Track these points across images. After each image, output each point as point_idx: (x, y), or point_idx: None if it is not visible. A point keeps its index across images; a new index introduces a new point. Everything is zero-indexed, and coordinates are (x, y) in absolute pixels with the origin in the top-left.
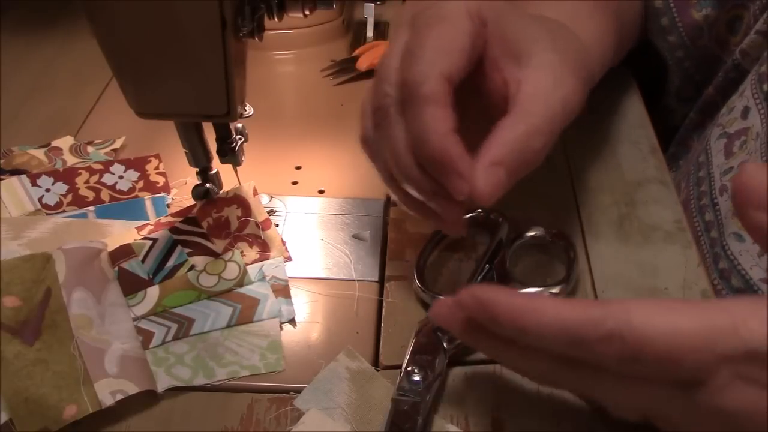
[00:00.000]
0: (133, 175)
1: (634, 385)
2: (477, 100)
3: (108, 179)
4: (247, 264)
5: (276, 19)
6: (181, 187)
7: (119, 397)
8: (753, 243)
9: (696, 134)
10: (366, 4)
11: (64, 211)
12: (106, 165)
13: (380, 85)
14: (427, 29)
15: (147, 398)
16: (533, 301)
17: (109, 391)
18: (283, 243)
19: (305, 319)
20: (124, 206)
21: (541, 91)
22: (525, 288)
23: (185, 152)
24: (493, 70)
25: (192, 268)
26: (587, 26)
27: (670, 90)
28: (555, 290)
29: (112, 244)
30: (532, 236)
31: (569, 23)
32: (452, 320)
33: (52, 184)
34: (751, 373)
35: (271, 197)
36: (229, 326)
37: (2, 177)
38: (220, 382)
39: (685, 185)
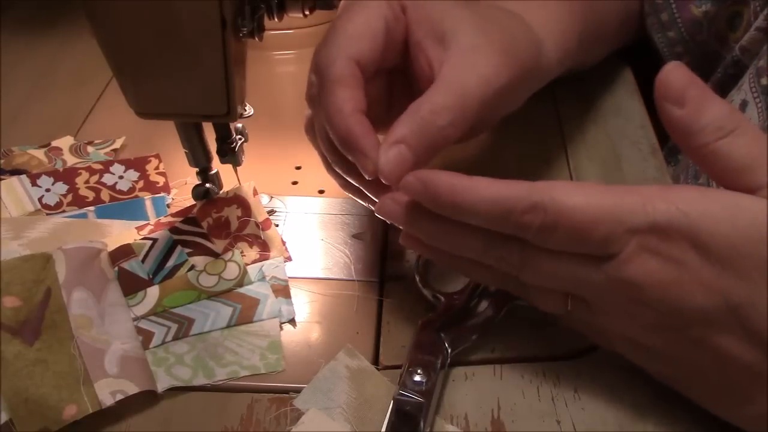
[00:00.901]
0: (133, 175)
1: (555, 259)
2: (406, 86)
3: (108, 179)
4: (247, 264)
5: (276, 19)
6: (181, 187)
7: (119, 397)
8: None
9: None
10: None
11: (64, 211)
12: (106, 165)
13: (309, 74)
14: (344, 14)
15: (147, 398)
16: (470, 180)
17: (109, 391)
18: (283, 243)
19: (305, 319)
20: (124, 206)
21: (455, 70)
22: None
23: (185, 152)
24: (417, 52)
25: (192, 268)
26: (538, 15)
27: None
28: None
29: (112, 244)
30: None
31: (518, 10)
32: (396, 210)
33: (52, 184)
34: (655, 246)
35: (271, 197)
36: (229, 326)
37: (2, 177)
38: (220, 382)
39: (684, 178)
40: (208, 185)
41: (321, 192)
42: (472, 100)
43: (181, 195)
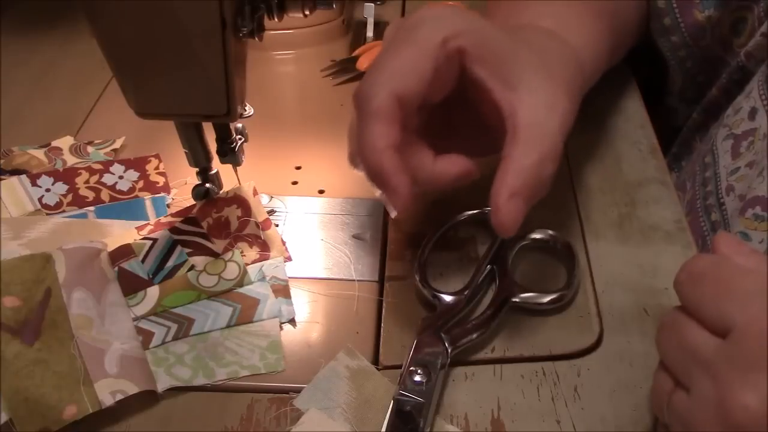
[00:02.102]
0: (133, 175)
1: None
2: (467, 112)
3: (108, 179)
4: (247, 264)
5: (276, 19)
6: (181, 187)
7: (119, 397)
8: (760, 242)
9: (699, 135)
10: (366, 4)
11: (64, 211)
12: (106, 165)
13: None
14: (392, 49)
15: (147, 398)
16: None
17: (109, 391)
18: (283, 243)
19: (305, 319)
20: (124, 206)
21: (539, 117)
22: (525, 293)
23: (185, 152)
24: (481, 92)
25: (192, 268)
26: (577, 30)
27: (672, 90)
28: (553, 297)
29: (112, 244)
30: (534, 239)
31: (558, 28)
32: None
33: (52, 184)
34: None
35: (271, 197)
36: (229, 326)
37: (2, 177)
38: (220, 382)
39: (691, 186)
40: (208, 185)
41: (321, 192)
42: (561, 145)
43: (181, 195)
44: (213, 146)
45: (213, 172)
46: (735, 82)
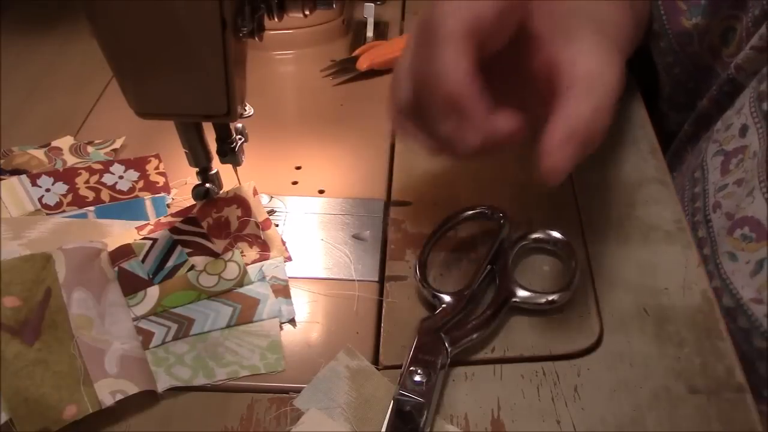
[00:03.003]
0: (133, 175)
1: None
2: (511, 78)
3: (108, 179)
4: (247, 264)
5: (276, 19)
6: (181, 187)
7: (119, 397)
8: (746, 262)
9: (690, 146)
10: (366, 4)
11: (64, 211)
12: (106, 165)
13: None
14: None
15: (147, 398)
16: None
17: (109, 391)
18: (283, 243)
19: (305, 319)
20: (124, 206)
21: (598, 70)
22: (525, 292)
23: (185, 152)
24: (538, 46)
25: (192, 268)
26: (610, 9)
27: (661, 95)
28: (553, 298)
29: (112, 244)
30: (535, 239)
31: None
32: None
33: (52, 184)
34: None
35: (271, 197)
36: (229, 326)
37: (2, 177)
38: (220, 382)
39: (680, 200)
40: (208, 185)
41: (321, 192)
42: (615, 99)
43: (181, 195)
44: (213, 146)
45: (213, 172)
46: (725, 93)
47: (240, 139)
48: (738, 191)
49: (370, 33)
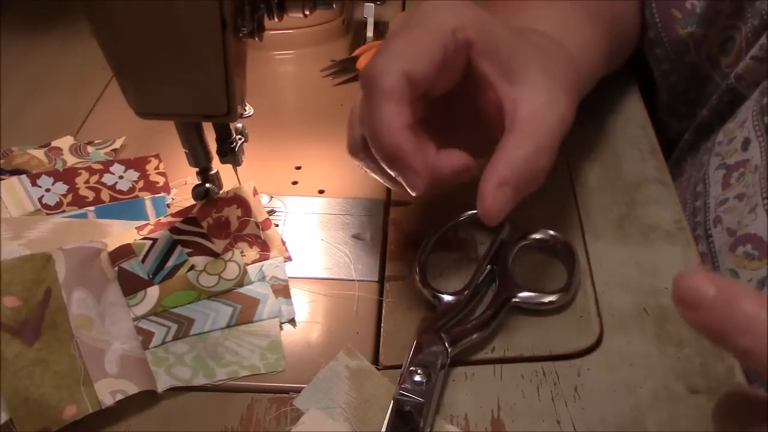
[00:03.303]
0: (133, 175)
1: None
2: (465, 111)
3: (108, 179)
4: (247, 264)
5: (276, 19)
6: (181, 187)
7: (119, 397)
8: (749, 280)
9: (690, 155)
10: (366, 4)
11: (64, 211)
12: (106, 165)
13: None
14: (402, 32)
15: (147, 398)
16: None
17: (109, 391)
18: (283, 243)
19: (305, 319)
20: (124, 206)
21: (539, 111)
22: (525, 292)
23: (185, 152)
24: (485, 86)
25: (192, 268)
26: (575, 38)
27: (660, 103)
28: (553, 298)
29: (112, 244)
30: (535, 239)
31: (556, 33)
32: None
33: (52, 184)
34: None
35: (271, 197)
36: (229, 326)
37: (2, 177)
38: (220, 382)
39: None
40: (208, 185)
41: (321, 192)
42: (558, 140)
43: (181, 195)
44: (213, 146)
45: (213, 172)
46: (726, 103)
47: (240, 139)
48: (739, 206)
49: (370, 33)
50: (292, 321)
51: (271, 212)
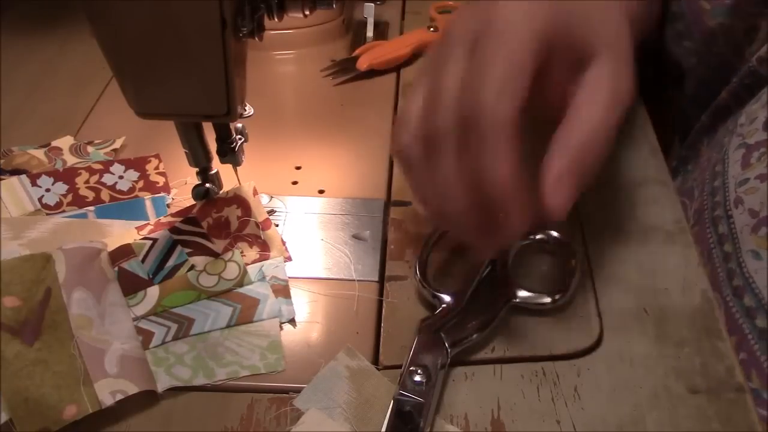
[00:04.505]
0: (133, 175)
1: None
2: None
3: (108, 179)
4: (247, 264)
5: (276, 19)
6: (181, 187)
7: (119, 397)
8: None
9: (707, 138)
10: (366, 4)
11: (64, 211)
12: (106, 165)
13: (437, 107)
14: (493, 49)
15: (147, 398)
16: None
17: (109, 391)
18: (283, 243)
19: (305, 319)
20: (124, 206)
21: (591, 92)
22: (525, 292)
23: (185, 152)
24: (554, 82)
25: (192, 268)
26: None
27: (686, 96)
28: (553, 298)
29: (112, 244)
30: (535, 239)
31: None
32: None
33: (52, 184)
34: None
35: (271, 197)
36: (229, 326)
37: (2, 177)
38: (220, 382)
39: (699, 193)
40: (208, 185)
41: (321, 192)
42: (614, 116)
43: (181, 195)
44: (213, 146)
45: (213, 172)
46: (745, 86)
47: (240, 139)
48: (762, 187)
49: (370, 33)
50: (292, 321)
51: (271, 212)
